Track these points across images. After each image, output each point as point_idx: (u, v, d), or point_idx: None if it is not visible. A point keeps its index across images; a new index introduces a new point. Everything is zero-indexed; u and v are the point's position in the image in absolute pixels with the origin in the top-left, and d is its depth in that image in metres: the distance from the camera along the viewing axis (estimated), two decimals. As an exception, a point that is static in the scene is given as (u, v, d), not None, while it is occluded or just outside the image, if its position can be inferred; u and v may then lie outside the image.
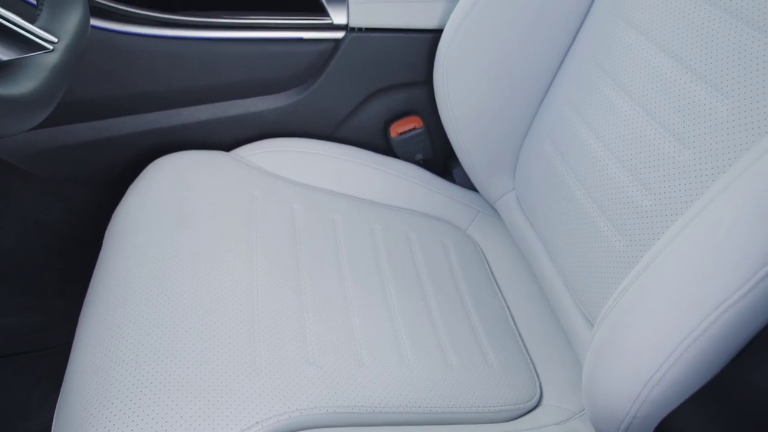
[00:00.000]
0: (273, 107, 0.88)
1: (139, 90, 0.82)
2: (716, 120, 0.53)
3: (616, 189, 0.62)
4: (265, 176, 0.82)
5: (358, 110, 0.91)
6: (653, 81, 0.60)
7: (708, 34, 0.55)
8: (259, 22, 0.82)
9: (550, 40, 0.76)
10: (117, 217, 0.75)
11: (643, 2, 0.63)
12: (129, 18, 0.78)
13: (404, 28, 0.85)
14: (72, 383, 0.57)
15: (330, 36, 0.84)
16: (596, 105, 0.67)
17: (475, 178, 0.86)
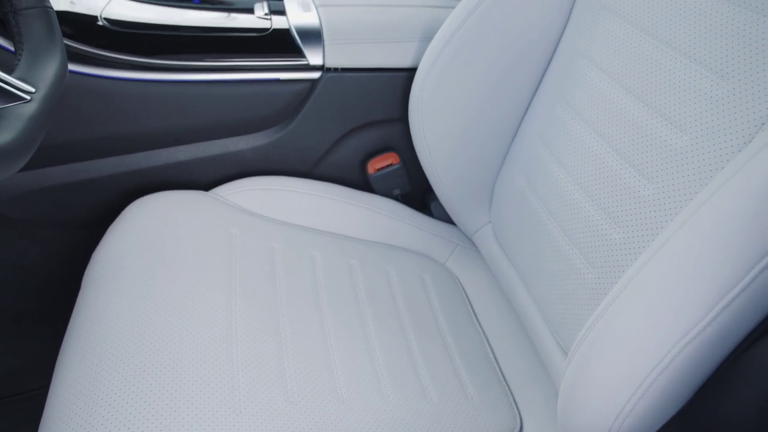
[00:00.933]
0: (251, 146, 0.89)
1: (118, 132, 0.83)
2: (675, 155, 0.55)
3: (586, 222, 0.63)
4: (244, 215, 0.83)
5: (336, 147, 0.92)
6: (615, 116, 0.62)
7: (663, 71, 0.57)
8: (236, 64, 0.83)
9: (520, 78, 0.78)
10: (95, 260, 0.75)
11: (603, 41, 0.66)
12: (107, 62, 0.79)
13: (379, 68, 0.87)
14: (49, 428, 0.57)
15: (306, 76, 0.86)
16: (564, 140, 0.69)
17: (453, 213, 0.88)
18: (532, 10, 0.75)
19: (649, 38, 0.60)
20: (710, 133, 0.52)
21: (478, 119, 0.80)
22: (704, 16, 0.54)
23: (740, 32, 0.51)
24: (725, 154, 0.50)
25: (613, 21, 0.65)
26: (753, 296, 0.40)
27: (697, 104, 0.54)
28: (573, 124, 0.68)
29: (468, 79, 0.79)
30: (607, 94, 0.64)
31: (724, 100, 0.51)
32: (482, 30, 0.77)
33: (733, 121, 0.50)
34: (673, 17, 0.58)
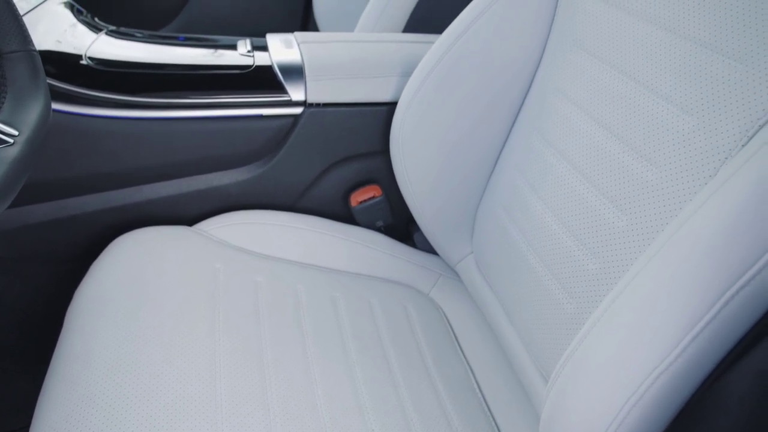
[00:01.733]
0: (235, 181, 0.90)
1: (102, 169, 0.84)
2: (647, 187, 0.56)
3: (564, 253, 0.65)
4: (228, 249, 0.83)
5: (319, 181, 0.93)
6: (589, 150, 0.64)
7: (632, 106, 0.59)
8: (219, 101, 0.85)
9: (497, 111, 0.80)
10: (78, 297, 0.75)
11: (575, 76, 0.68)
12: (91, 101, 0.80)
13: (360, 102, 0.89)
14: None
15: (289, 112, 0.87)
16: (541, 172, 0.70)
17: (436, 243, 0.89)
18: (507, 46, 0.77)
19: (617, 74, 0.62)
20: (678, 167, 0.54)
21: (458, 152, 0.82)
22: (666, 54, 0.57)
23: (701, 69, 0.53)
24: (693, 187, 0.52)
25: (584, 57, 0.68)
26: (721, 326, 0.42)
27: (664, 138, 0.55)
28: (549, 156, 0.70)
29: (447, 113, 0.80)
30: (581, 128, 0.66)
31: (689, 135, 0.53)
32: (460, 65, 0.79)
33: (699, 154, 0.52)
34: (638, 53, 0.60)
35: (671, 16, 0.57)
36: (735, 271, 0.41)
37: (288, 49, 0.92)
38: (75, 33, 0.89)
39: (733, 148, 0.49)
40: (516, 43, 0.77)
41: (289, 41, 0.94)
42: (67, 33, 0.88)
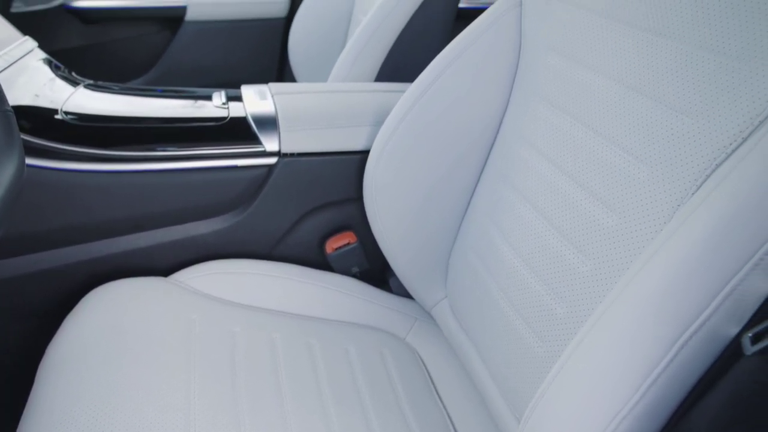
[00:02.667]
0: (211, 230, 0.91)
1: (76, 222, 0.84)
2: (608, 233, 0.58)
3: (533, 297, 0.66)
4: (204, 300, 0.83)
5: (294, 229, 0.94)
6: (553, 195, 0.66)
7: (590, 154, 0.62)
8: (195, 153, 0.86)
9: (467, 158, 0.82)
10: (50, 352, 0.74)
11: (537, 125, 0.71)
12: (65, 155, 0.81)
13: (333, 152, 0.91)
14: None
15: (263, 162, 0.89)
16: (509, 218, 0.72)
17: (411, 288, 0.90)
18: (475, 95, 0.80)
19: (577, 124, 0.65)
20: (636, 213, 0.56)
21: (430, 198, 0.84)
22: (622, 107, 0.60)
23: (652, 122, 0.56)
24: (650, 233, 0.54)
25: (545, 107, 0.71)
26: (678, 370, 0.43)
27: (622, 186, 0.58)
28: (516, 202, 0.72)
29: (418, 160, 0.83)
30: (545, 175, 0.68)
31: (645, 183, 0.56)
32: (429, 114, 0.81)
33: (654, 201, 0.55)
34: (595, 105, 0.63)
35: (625, 71, 0.60)
36: (688, 317, 0.43)
37: (262, 100, 0.94)
38: (53, 87, 0.90)
39: (684, 195, 0.52)
40: (482, 92, 0.80)
41: (263, 92, 0.96)
42: (45, 87, 0.89)
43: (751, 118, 0.47)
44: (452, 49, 0.80)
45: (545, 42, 0.72)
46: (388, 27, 1.15)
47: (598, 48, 0.64)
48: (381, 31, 1.15)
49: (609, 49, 0.63)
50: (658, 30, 0.57)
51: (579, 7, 0.68)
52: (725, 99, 0.50)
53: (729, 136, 0.49)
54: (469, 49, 0.79)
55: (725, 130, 0.49)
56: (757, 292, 0.44)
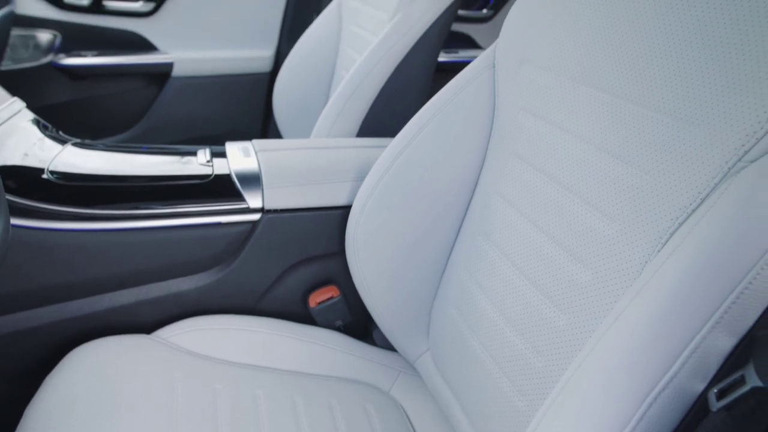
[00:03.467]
0: (194, 287, 0.91)
1: (59, 281, 0.85)
2: (581, 287, 0.60)
3: (513, 350, 0.67)
4: (187, 357, 0.83)
5: (277, 284, 0.95)
6: (529, 250, 0.68)
7: (563, 210, 0.64)
8: (179, 210, 0.87)
9: (446, 213, 0.84)
10: (30, 413, 0.73)
11: (512, 181, 0.73)
12: (51, 215, 0.82)
13: (315, 207, 0.93)
14: None
15: (247, 219, 0.90)
16: (487, 271, 0.74)
17: (394, 341, 0.90)
18: (452, 152, 0.83)
19: (549, 180, 0.68)
20: (607, 268, 0.58)
21: (411, 252, 0.85)
22: (589, 164, 0.62)
23: (617, 180, 0.58)
24: (621, 288, 0.56)
25: (519, 164, 0.73)
26: (647, 427, 0.44)
27: (593, 241, 0.60)
28: (493, 257, 0.74)
29: (399, 215, 0.85)
30: (521, 230, 0.70)
31: (614, 239, 0.58)
32: (409, 170, 0.84)
33: (623, 257, 0.56)
34: (565, 163, 0.65)
35: (592, 131, 0.63)
36: (656, 374, 0.44)
37: (246, 157, 0.96)
38: (42, 146, 0.92)
39: (651, 252, 0.54)
40: (460, 149, 0.83)
41: (246, 149, 0.99)
42: (35, 146, 0.91)
43: (707, 180, 0.50)
44: (430, 107, 0.83)
45: (517, 102, 0.76)
46: (369, 83, 1.19)
47: (567, 109, 0.67)
48: (362, 88, 1.19)
49: (577, 111, 0.66)
50: (620, 93, 0.60)
51: (548, 71, 0.71)
52: (682, 161, 0.52)
53: (689, 196, 0.51)
54: (446, 108, 0.82)
55: (685, 191, 0.52)
56: (721, 349, 0.45)
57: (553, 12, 0.72)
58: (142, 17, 1.68)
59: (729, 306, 0.44)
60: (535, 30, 0.75)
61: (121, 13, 1.66)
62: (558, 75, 0.69)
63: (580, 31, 0.67)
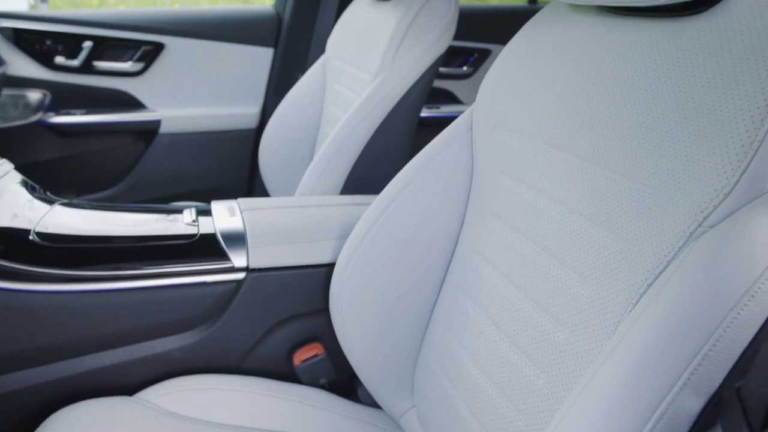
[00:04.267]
0: (178, 346, 0.91)
1: (41, 344, 0.84)
2: (559, 346, 0.62)
3: (494, 409, 0.68)
4: (170, 419, 0.83)
5: (262, 342, 0.96)
6: (508, 310, 0.70)
7: (540, 270, 0.66)
8: (163, 271, 0.88)
9: (429, 270, 0.86)
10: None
11: (490, 240, 0.75)
12: (33, 277, 0.83)
13: (300, 265, 0.94)
14: None
15: (232, 278, 0.91)
16: (468, 330, 0.75)
17: (379, 398, 0.91)
18: (434, 211, 0.85)
19: (525, 240, 0.70)
20: (582, 327, 0.60)
21: (395, 309, 0.87)
22: (563, 225, 0.65)
23: (589, 241, 0.61)
24: (595, 348, 0.58)
25: (496, 223, 0.76)
26: None
27: (568, 301, 0.62)
28: (474, 315, 0.75)
29: (382, 273, 0.86)
30: (499, 289, 0.72)
31: (587, 299, 0.60)
32: (391, 228, 0.86)
33: (597, 317, 0.58)
34: (541, 223, 0.68)
35: (564, 193, 0.66)
36: None
37: (231, 216, 0.98)
38: (32, 207, 0.93)
39: (623, 313, 0.56)
40: (441, 208, 0.85)
41: (232, 209, 1.00)
42: (24, 207, 0.92)
43: (671, 244, 0.52)
44: (411, 168, 0.86)
45: (494, 164, 0.79)
46: (353, 142, 1.23)
47: (541, 171, 0.70)
48: (346, 146, 1.22)
49: (551, 173, 0.68)
50: (590, 158, 0.63)
51: (522, 134, 0.74)
52: (649, 225, 0.55)
53: (656, 259, 0.53)
54: (426, 169, 0.85)
55: (652, 254, 0.54)
56: (690, 410, 0.47)
57: (525, 78, 0.76)
58: (131, 76, 1.72)
59: (696, 367, 0.46)
60: (509, 95, 0.78)
61: (110, 73, 1.70)
62: (532, 138, 0.72)
63: (551, 96, 0.71)
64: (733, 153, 0.49)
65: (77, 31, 1.62)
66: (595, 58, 0.67)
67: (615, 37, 0.65)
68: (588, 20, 0.71)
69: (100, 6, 4.15)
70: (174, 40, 1.72)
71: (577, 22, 0.72)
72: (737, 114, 0.50)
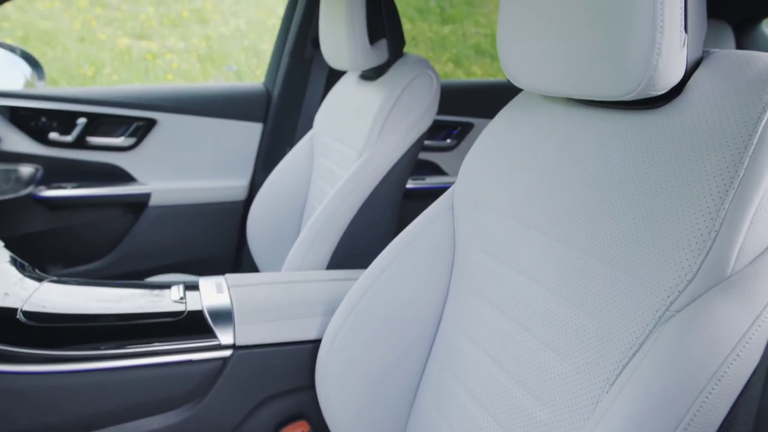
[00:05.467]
0: (163, 426, 0.91)
1: (24, 426, 0.83)
2: (540, 425, 0.63)
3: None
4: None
5: (248, 420, 0.95)
6: (491, 388, 0.71)
7: (521, 348, 0.68)
8: (150, 349, 0.89)
9: (413, 347, 0.88)
10: None
11: (472, 318, 0.77)
12: (19, 358, 0.83)
13: (286, 342, 0.95)
14: None
15: (218, 355, 0.92)
16: (453, 407, 0.76)
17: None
18: (418, 287, 0.87)
19: (505, 318, 0.72)
20: (563, 406, 0.61)
21: (380, 387, 0.87)
22: (542, 306, 0.67)
23: (566, 321, 0.63)
24: (576, 426, 0.59)
25: (477, 300, 0.78)
26: None
27: (548, 380, 0.63)
28: (458, 392, 0.76)
29: (368, 349, 0.87)
30: (482, 366, 0.73)
31: (568, 377, 0.61)
32: (377, 305, 0.87)
33: (578, 395, 0.60)
34: (521, 303, 0.70)
35: (541, 273, 0.68)
36: None
37: (219, 293, 0.99)
38: (24, 285, 0.94)
39: (601, 392, 0.57)
40: (425, 284, 0.87)
41: (220, 285, 1.02)
42: (16, 286, 0.93)
43: (642, 326, 0.55)
44: (395, 245, 0.88)
45: (474, 243, 0.81)
46: (339, 217, 1.26)
47: (519, 252, 0.73)
48: (333, 221, 1.25)
49: (528, 254, 0.71)
50: (566, 240, 0.66)
51: (501, 215, 0.77)
52: (621, 307, 0.57)
53: (629, 340, 0.56)
54: (410, 246, 0.88)
55: (625, 335, 0.56)
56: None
57: (503, 161, 0.80)
58: (123, 151, 1.76)
59: None
60: (488, 176, 0.82)
61: (103, 148, 1.74)
62: (510, 219, 0.75)
63: (527, 180, 0.74)
64: (694, 241, 0.52)
65: (72, 108, 1.67)
66: (566, 145, 0.71)
67: (583, 126, 0.70)
68: (559, 108, 0.75)
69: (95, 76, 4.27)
70: (166, 116, 1.77)
71: (549, 109, 0.77)
72: (695, 204, 0.53)
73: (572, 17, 0.60)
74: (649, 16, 0.53)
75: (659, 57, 0.54)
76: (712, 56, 0.61)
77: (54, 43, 4.35)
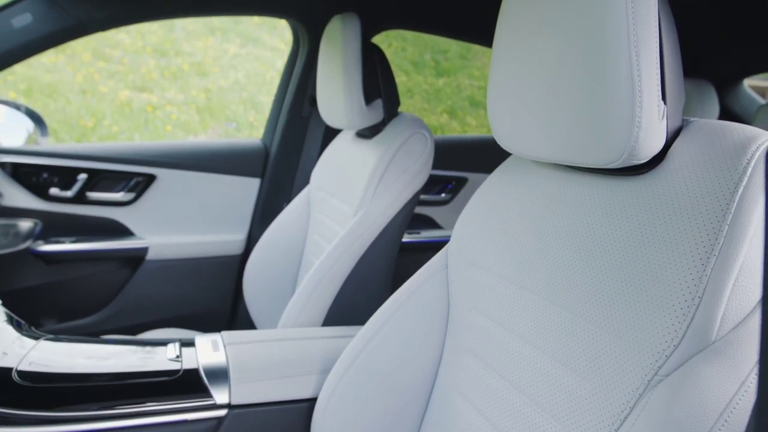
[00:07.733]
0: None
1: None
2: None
3: None
4: None
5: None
6: None
7: (509, 407, 0.68)
8: (145, 410, 0.88)
9: (409, 407, 0.88)
10: None
11: (468, 377, 0.78)
12: (12, 420, 0.82)
13: (282, 401, 0.95)
14: None
15: (213, 415, 0.91)
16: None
17: None
18: (414, 346, 0.88)
19: (497, 376, 0.73)
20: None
21: None
22: (532, 365, 0.68)
23: (557, 382, 0.64)
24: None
25: (471, 359, 0.79)
26: None
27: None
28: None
29: (363, 409, 0.87)
30: (476, 426, 0.74)
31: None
32: (372, 364, 0.88)
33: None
34: (511, 360, 0.71)
35: (532, 332, 0.70)
36: None
37: (215, 351, 0.99)
38: (22, 345, 0.94)
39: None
40: (420, 343, 0.88)
41: (216, 343, 1.02)
42: (15, 344, 0.94)
43: (632, 390, 0.56)
44: (391, 303, 0.90)
45: (468, 302, 0.83)
46: (335, 273, 1.27)
47: (511, 311, 0.74)
48: (329, 278, 1.26)
49: (520, 313, 0.73)
50: (556, 301, 0.68)
51: (493, 275, 0.79)
52: (611, 370, 0.58)
53: (620, 404, 0.57)
54: (405, 305, 0.89)
55: (616, 398, 0.57)
56: None
57: (494, 222, 0.82)
58: (122, 206, 1.78)
59: None
60: (480, 237, 0.84)
61: (102, 203, 1.76)
62: (502, 279, 0.77)
63: (518, 241, 0.76)
64: (679, 307, 0.54)
65: (73, 164, 1.70)
66: (554, 208, 0.73)
67: (571, 190, 0.72)
68: (548, 171, 0.78)
69: (95, 127, 4.34)
70: (165, 172, 1.80)
71: (538, 171, 0.80)
72: (679, 270, 0.55)
73: (557, 88, 0.63)
74: (627, 91, 0.56)
75: (639, 129, 0.57)
76: (691, 125, 0.64)
77: (56, 95, 4.44)
